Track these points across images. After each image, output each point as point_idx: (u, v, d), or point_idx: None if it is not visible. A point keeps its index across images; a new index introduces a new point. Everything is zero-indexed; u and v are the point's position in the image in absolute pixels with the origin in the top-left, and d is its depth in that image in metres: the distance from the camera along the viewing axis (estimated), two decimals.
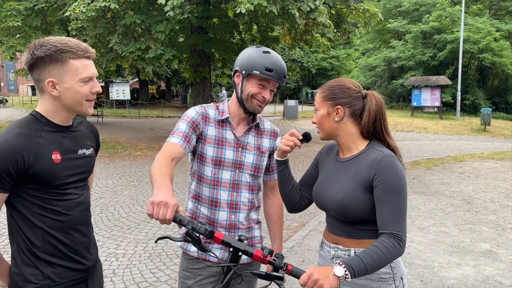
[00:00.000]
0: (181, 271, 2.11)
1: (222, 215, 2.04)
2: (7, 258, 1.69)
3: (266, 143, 2.16)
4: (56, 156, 1.59)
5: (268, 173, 2.23)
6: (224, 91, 31.83)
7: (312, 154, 12.19)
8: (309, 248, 5.03)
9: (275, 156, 1.91)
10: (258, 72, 1.95)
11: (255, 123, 2.13)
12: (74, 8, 11.50)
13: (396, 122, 21.86)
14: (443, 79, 25.25)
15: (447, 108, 28.72)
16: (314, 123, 1.84)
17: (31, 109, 31.91)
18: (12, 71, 60.27)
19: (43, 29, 15.46)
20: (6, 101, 35.44)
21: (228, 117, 2.06)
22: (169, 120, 23.76)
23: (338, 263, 1.49)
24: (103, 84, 36.40)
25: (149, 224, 5.81)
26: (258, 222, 2.22)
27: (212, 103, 2.15)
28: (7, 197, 1.55)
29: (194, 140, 2.00)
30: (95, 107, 23.45)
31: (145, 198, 7.17)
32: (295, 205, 1.98)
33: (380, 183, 1.64)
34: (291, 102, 24.62)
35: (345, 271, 1.48)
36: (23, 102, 37.32)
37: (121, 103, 32.59)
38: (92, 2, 11.46)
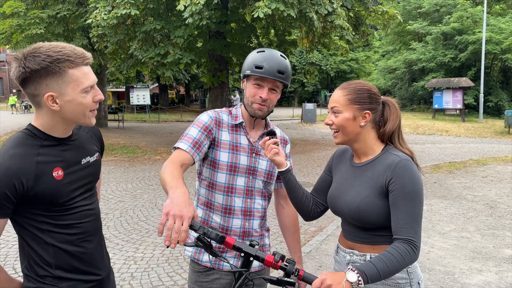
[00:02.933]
0: (190, 284, 2.07)
1: (236, 223, 2.00)
2: (7, 270, 1.70)
3: None
4: (58, 173, 1.48)
5: (279, 181, 2.17)
6: (237, 95, 31.84)
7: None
8: (326, 253, 4.98)
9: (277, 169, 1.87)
10: (249, 72, 1.92)
11: (268, 129, 2.08)
12: (95, 16, 11.72)
13: (417, 125, 21.53)
14: (465, 81, 24.77)
15: (469, 110, 28.12)
16: (329, 124, 1.78)
17: None
18: None
19: (65, 36, 15.81)
20: (30, 106, 36.32)
21: (243, 121, 2.02)
22: (188, 124, 23.73)
23: (351, 269, 1.48)
24: (123, 90, 37.12)
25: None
26: (268, 230, 2.20)
27: (224, 108, 2.11)
28: (13, 216, 1.46)
29: (206, 147, 1.93)
30: (115, 112, 23.81)
31: (163, 202, 7.23)
32: (309, 212, 1.94)
33: (395, 187, 1.62)
34: (309, 106, 24.53)
35: (358, 276, 1.46)
36: None
37: (141, 108, 33.04)
38: (112, 10, 11.67)
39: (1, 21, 15.76)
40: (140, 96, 30.81)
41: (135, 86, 32.18)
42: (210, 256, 2.00)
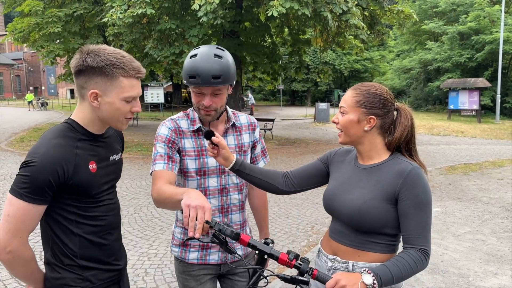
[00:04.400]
0: (178, 275, 2.11)
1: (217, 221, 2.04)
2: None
3: (246, 138, 2.11)
4: (93, 166, 1.59)
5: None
6: (250, 95, 31.77)
7: None
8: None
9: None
10: (185, 82, 1.88)
11: (230, 123, 2.06)
12: (111, 15, 11.86)
13: (432, 125, 21.30)
14: (482, 81, 24.39)
15: (485, 111, 27.71)
16: (335, 123, 1.78)
17: (70, 112, 33.08)
18: (52, 75, 62.79)
19: (81, 34, 16.02)
20: (47, 104, 36.90)
21: (200, 126, 1.99)
22: None
23: (367, 271, 1.48)
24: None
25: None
26: (246, 219, 2.22)
27: (181, 112, 2.07)
28: None
29: (177, 156, 1.94)
30: None
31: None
32: (276, 189, 1.90)
33: (408, 196, 1.61)
34: (322, 105, 24.43)
35: (374, 279, 1.46)
36: (62, 105, 38.78)
37: (155, 106, 33.28)
38: (128, 9, 11.79)
39: (20, 20, 16.05)
40: (154, 94, 30.96)
41: (149, 84, 32.41)
42: (199, 254, 2.05)
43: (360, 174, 1.76)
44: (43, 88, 68.17)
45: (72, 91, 65.21)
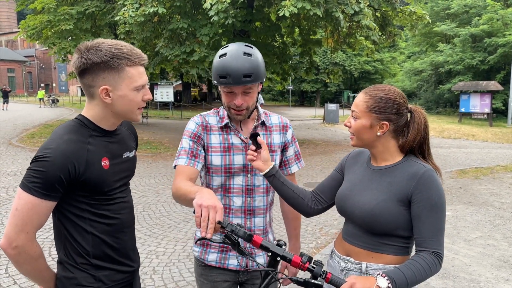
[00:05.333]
0: (197, 277, 2.10)
1: (236, 222, 1.95)
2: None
3: (276, 139, 2.06)
4: (105, 162, 1.56)
5: (281, 168, 2.12)
6: (259, 95, 31.73)
7: None
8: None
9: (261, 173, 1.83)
10: (216, 82, 1.85)
11: (260, 121, 2.02)
12: (123, 13, 11.90)
13: (443, 128, 21.10)
14: (494, 85, 24.12)
15: (497, 114, 27.40)
16: (347, 126, 1.75)
17: (81, 109, 33.37)
18: (63, 72, 63.30)
19: (93, 32, 16.12)
20: (58, 101, 37.19)
21: (228, 122, 1.97)
22: None
23: (381, 275, 1.46)
24: (148, 86, 37.45)
25: (188, 223, 5.91)
26: (270, 225, 2.18)
27: (212, 109, 2.06)
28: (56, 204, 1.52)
29: (202, 152, 1.93)
30: None
31: None
32: (306, 208, 1.88)
33: (421, 199, 1.59)
34: (331, 106, 24.32)
35: (388, 283, 1.44)
36: (73, 102, 39.05)
37: (164, 105, 33.39)
38: (140, 7, 11.83)
39: (32, 17, 16.20)
40: (164, 93, 31.07)
41: (159, 83, 32.54)
42: (218, 256, 2.02)
43: (372, 176, 1.74)
44: (54, 85, 68.76)
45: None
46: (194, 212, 1.46)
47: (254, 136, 1.76)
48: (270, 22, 14.63)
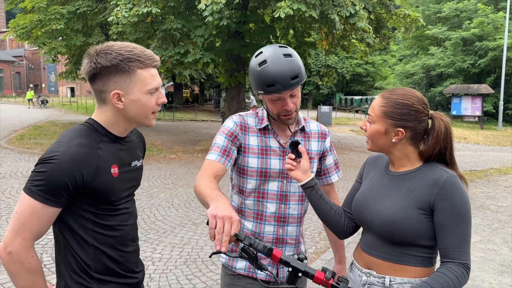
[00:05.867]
0: (222, 286, 2.00)
1: (269, 229, 1.90)
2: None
3: (314, 146, 1.99)
4: (115, 170, 1.48)
5: (320, 177, 2.06)
6: (252, 97, 31.50)
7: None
8: (348, 261, 4.83)
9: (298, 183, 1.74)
10: (262, 92, 1.77)
11: (300, 127, 1.95)
12: (116, 13, 11.72)
13: None
14: (485, 88, 24.35)
15: (488, 117, 27.65)
16: (363, 129, 1.67)
17: (71, 110, 33.05)
18: (53, 73, 62.64)
19: (84, 32, 15.88)
20: (47, 101, 36.72)
21: (268, 124, 1.90)
22: (202, 124, 23.94)
23: None
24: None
25: (184, 228, 5.78)
26: (302, 235, 2.08)
27: (251, 110, 1.99)
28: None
29: (235, 152, 1.86)
30: None
31: (180, 201, 7.16)
32: (342, 228, 1.77)
33: (445, 207, 1.49)
34: (324, 108, 24.33)
35: None
36: (63, 103, 38.58)
37: None
38: (133, 7, 11.66)
39: (22, 16, 15.93)
40: None
41: None
42: (247, 264, 1.91)
43: (390, 182, 1.65)
44: (43, 85, 68.02)
45: (72, 89, 65.08)
46: (207, 223, 1.35)
47: (294, 144, 1.67)
48: (264, 24, 14.55)
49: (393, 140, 1.59)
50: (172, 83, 39.53)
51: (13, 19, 16.61)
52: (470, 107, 24.18)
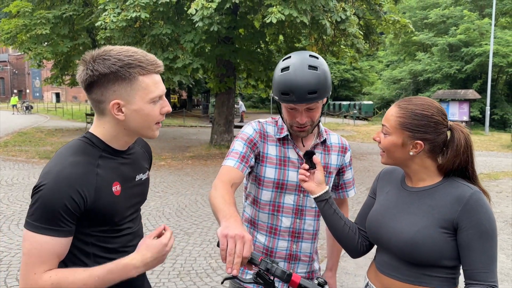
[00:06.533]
0: None
1: (282, 244, 1.81)
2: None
3: (334, 160, 1.90)
4: (116, 188, 1.35)
5: (337, 191, 2.00)
6: (240, 102, 31.32)
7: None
8: (346, 272, 4.73)
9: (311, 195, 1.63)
10: (277, 98, 1.69)
11: (321, 140, 1.87)
12: (104, 18, 11.53)
13: None
14: (472, 93, 24.66)
15: (475, 123, 28.00)
16: (376, 141, 1.56)
17: (56, 116, 32.54)
18: (38, 78, 61.79)
19: (71, 37, 15.63)
20: (32, 107, 36.14)
21: (288, 134, 1.81)
22: (191, 129, 23.74)
23: None
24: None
25: (176, 238, 5.61)
26: (317, 252, 1.98)
27: (270, 118, 1.90)
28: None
29: (253, 160, 1.76)
30: None
31: (171, 210, 6.98)
32: (356, 247, 1.65)
33: (470, 225, 1.39)
34: None
35: None
36: (48, 109, 38.02)
37: None
38: (122, 12, 11.49)
39: (7, 21, 15.61)
40: None
41: None
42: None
43: (409, 198, 1.53)
44: (27, 91, 67.04)
45: (57, 94, 64.27)
46: (218, 245, 1.23)
47: (309, 154, 1.58)
48: (254, 29, 14.49)
49: (411, 153, 1.49)
50: None
51: None
52: (457, 112, 24.44)
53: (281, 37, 15.78)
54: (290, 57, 1.71)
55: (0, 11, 18.19)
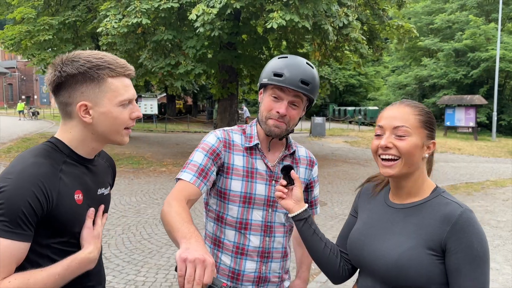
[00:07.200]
0: None
1: (250, 266, 1.65)
2: None
3: (302, 174, 1.78)
4: (78, 196, 1.28)
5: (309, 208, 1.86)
6: (245, 108, 31.11)
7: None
8: None
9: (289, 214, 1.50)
10: (266, 80, 1.59)
11: (291, 152, 1.74)
12: (105, 24, 11.52)
13: None
14: (478, 99, 24.36)
15: (481, 128, 27.68)
16: (388, 148, 1.34)
17: None
18: (45, 84, 62.31)
19: (74, 43, 15.67)
20: (38, 113, 36.31)
21: (258, 143, 1.67)
22: (195, 135, 23.68)
23: None
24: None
25: (171, 248, 5.49)
26: (288, 272, 1.83)
27: (236, 126, 1.77)
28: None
29: (214, 174, 1.61)
30: None
31: None
32: (338, 271, 1.50)
33: (460, 248, 1.25)
34: (318, 119, 24.18)
35: None
36: (54, 115, 38.19)
37: (148, 118, 32.91)
38: (123, 18, 11.47)
39: (11, 27, 15.69)
40: (148, 105, 30.63)
41: (143, 95, 32.08)
42: None
43: (394, 216, 1.39)
44: (35, 97, 67.52)
45: None
46: (176, 269, 1.11)
47: (286, 169, 1.46)
48: (257, 35, 14.43)
49: (426, 155, 1.37)
50: (165, 94, 39.37)
51: (1, 30, 16.37)
52: (463, 118, 24.15)
53: (284, 43, 15.71)
54: (287, 56, 1.67)
55: (5, 17, 18.31)
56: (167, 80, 13.02)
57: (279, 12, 9.77)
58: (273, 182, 1.67)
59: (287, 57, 1.64)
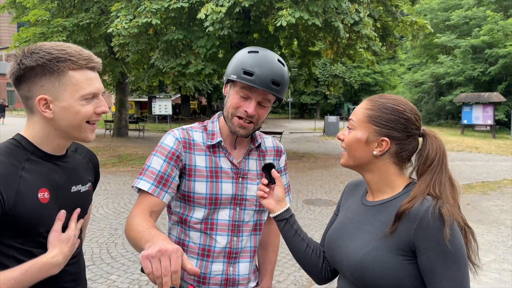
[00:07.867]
0: None
1: (217, 268, 1.57)
2: None
3: None
4: (44, 195, 1.23)
5: None
6: None
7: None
8: None
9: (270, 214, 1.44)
10: (235, 77, 1.49)
11: (256, 145, 1.66)
12: (116, 24, 11.62)
13: (446, 140, 20.67)
14: (496, 96, 23.80)
15: (500, 126, 27.04)
16: (340, 139, 1.36)
17: None
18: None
19: (88, 44, 15.86)
20: None
21: (221, 141, 1.59)
22: None
23: None
24: (146, 99, 37.45)
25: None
26: (255, 271, 1.76)
27: (197, 123, 1.68)
28: None
29: (176, 179, 1.53)
30: (136, 122, 23.79)
31: (165, 221, 6.85)
32: (320, 271, 1.45)
33: (429, 246, 1.15)
34: (332, 118, 24.00)
35: None
36: None
37: (163, 118, 33.15)
38: (134, 19, 11.56)
39: (25, 30, 15.96)
40: (162, 106, 30.89)
41: (157, 96, 32.32)
42: None
43: (365, 214, 1.33)
44: None
45: None
46: (141, 271, 1.06)
47: (267, 167, 1.43)
48: (268, 34, 14.37)
49: (375, 153, 1.28)
50: (179, 95, 39.63)
51: (16, 33, 16.67)
52: (481, 116, 23.63)
53: (295, 42, 15.61)
54: (257, 48, 1.58)
55: (21, 20, 18.64)
56: (180, 81, 13.05)
57: (288, 9, 9.69)
58: (240, 179, 1.60)
59: (258, 52, 1.53)
